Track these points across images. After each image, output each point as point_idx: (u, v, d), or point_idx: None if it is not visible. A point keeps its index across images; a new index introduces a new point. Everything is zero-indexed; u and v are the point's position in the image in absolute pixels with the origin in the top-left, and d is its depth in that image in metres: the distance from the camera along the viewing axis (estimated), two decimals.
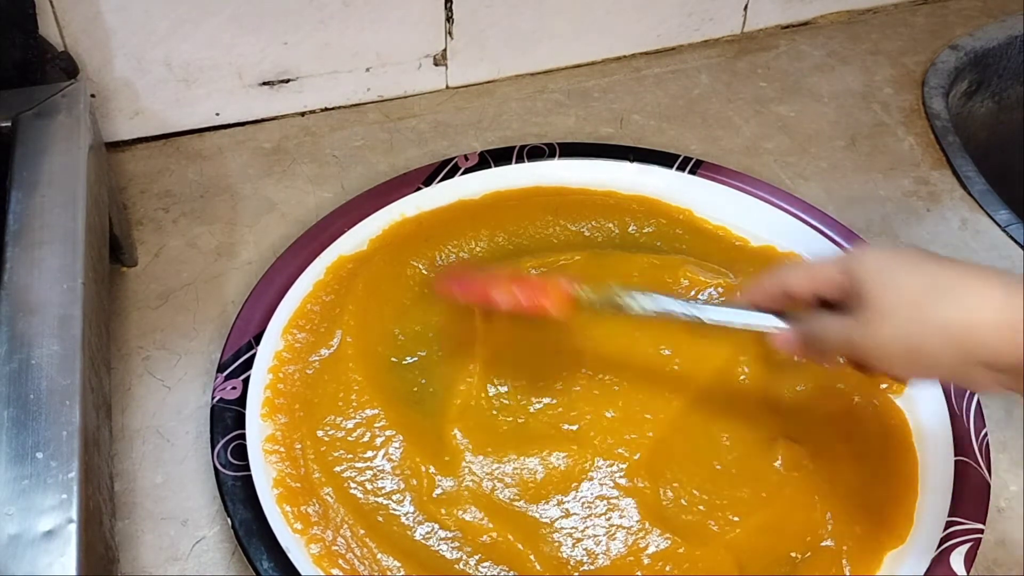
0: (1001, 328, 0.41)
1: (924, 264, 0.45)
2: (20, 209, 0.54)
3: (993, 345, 0.42)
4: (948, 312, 0.43)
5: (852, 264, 0.47)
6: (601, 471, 0.55)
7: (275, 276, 0.63)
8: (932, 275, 0.44)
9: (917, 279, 0.44)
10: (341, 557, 0.51)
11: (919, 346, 0.43)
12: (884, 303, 0.45)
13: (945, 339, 0.43)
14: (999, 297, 0.42)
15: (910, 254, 0.46)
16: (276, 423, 0.56)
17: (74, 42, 0.70)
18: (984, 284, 0.43)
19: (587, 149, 0.75)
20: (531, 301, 0.54)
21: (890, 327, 0.44)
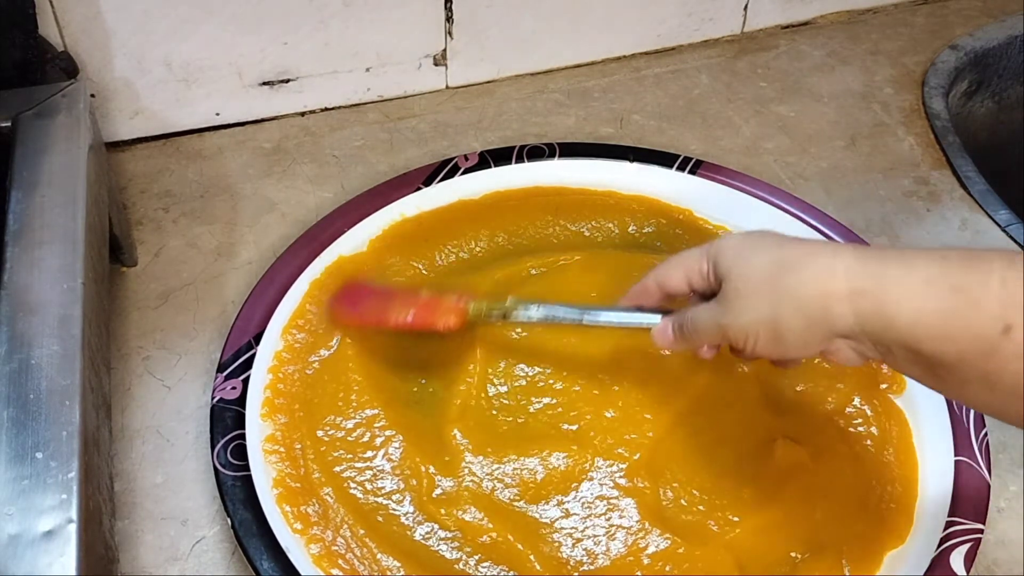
0: (844, 295, 0.43)
1: (777, 244, 0.47)
2: (20, 209, 0.54)
3: (840, 313, 0.43)
4: (799, 286, 0.44)
5: (714, 253, 0.49)
6: (601, 471, 0.55)
7: (275, 276, 0.63)
8: (783, 252, 0.46)
9: (769, 257, 0.46)
10: (341, 557, 0.51)
11: (777, 322, 0.45)
12: (741, 284, 0.46)
13: (799, 312, 0.44)
14: (847, 265, 0.43)
15: (765, 237, 0.48)
16: (276, 423, 0.56)
17: (74, 42, 0.70)
18: (832, 255, 0.44)
19: (587, 149, 0.75)
20: (420, 318, 0.56)
21: (749, 307, 0.46)
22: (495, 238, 0.68)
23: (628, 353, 0.60)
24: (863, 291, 0.42)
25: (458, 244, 0.68)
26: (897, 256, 0.43)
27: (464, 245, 0.68)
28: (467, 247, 0.68)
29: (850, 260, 0.43)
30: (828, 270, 0.44)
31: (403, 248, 0.67)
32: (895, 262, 0.42)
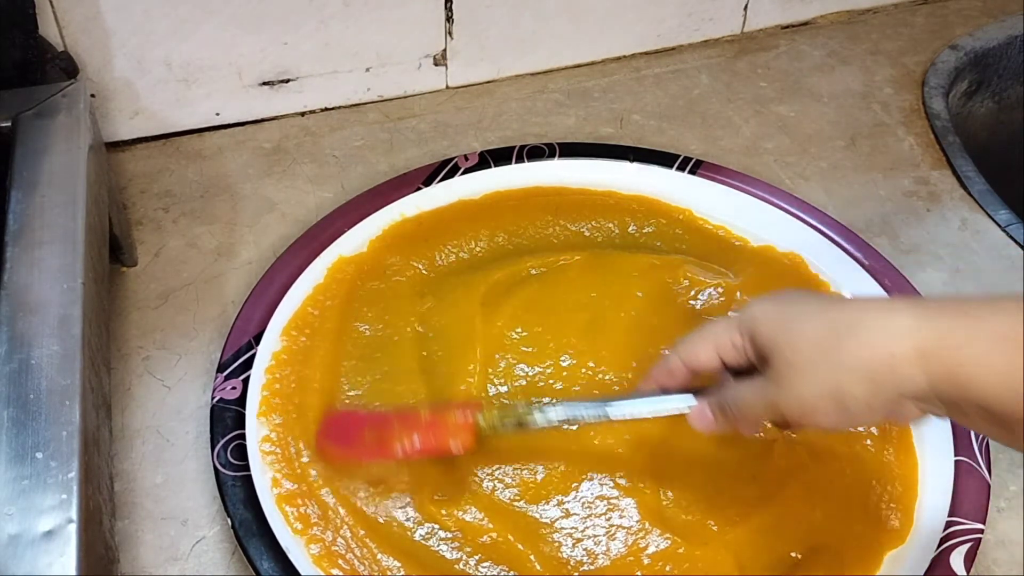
0: (912, 357, 0.40)
1: (822, 307, 0.44)
2: (20, 209, 0.54)
3: (908, 375, 0.40)
4: (859, 350, 0.41)
5: (749, 325, 0.45)
6: (601, 471, 0.55)
7: (275, 276, 0.63)
8: (831, 317, 0.43)
9: (819, 322, 0.43)
10: (341, 557, 0.51)
11: (840, 392, 0.42)
12: (793, 358, 0.43)
13: (864, 379, 0.41)
14: (906, 325, 0.41)
15: (804, 300, 0.45)
16: (272, 423, 0.56)
17: (74, 42, 0.70)
18: (890, 313, 0.42)
19: (587, 149, 0.75)
20: (430, 445, 0.51)
21: (806, 380, 0.43)
22: (495, 238, 0.68)
23: (628, 353, 0.60)
24: (931, 352, 0.40)
25: (458, 244, 0.68)
26: (959, 309, 0.40)
27: (464, 245, 0.68)
28: (467, 247, 0.68)
29: (910, 318, 0.41)
30: (889, 330, 0.41)
31: (403, 248, 0.67)
32: (960, 317, 0.40)
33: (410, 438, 0.52)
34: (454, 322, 0.62)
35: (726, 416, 0.47)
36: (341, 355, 0.60)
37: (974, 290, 0.69)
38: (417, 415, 0.53)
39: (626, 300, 0.63)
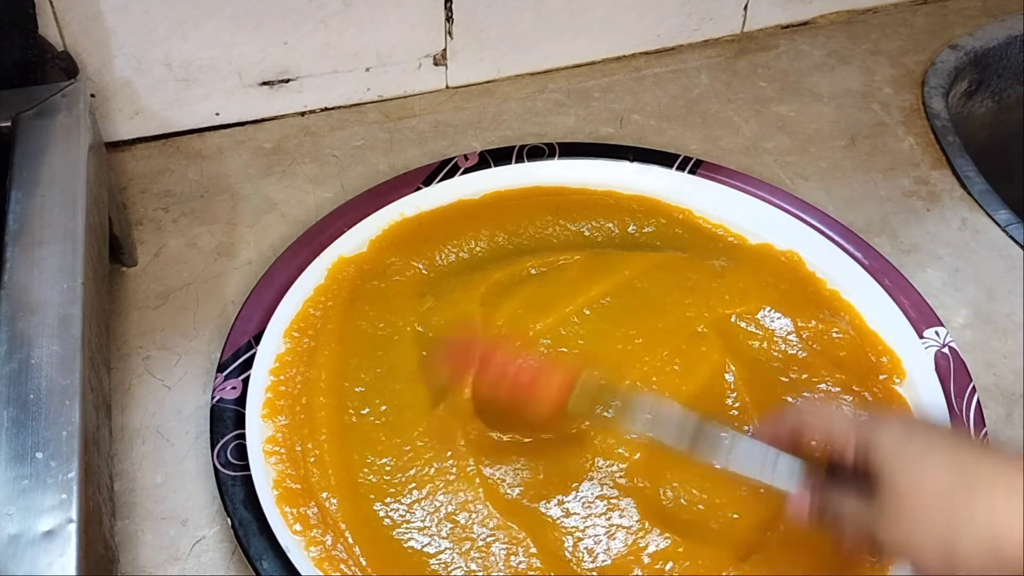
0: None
1: (951, 453, 0.41)
2: (20, 209, 0.54)
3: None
4: (982, 514, 0.39)
5: (871, 439, 0.43)
6: (601, 471, 0.55)
7: (275, 276, 0.63)
8: (961, 466, 0.40)
9: (945, 471, 0.40)
10: (341, 560, 0.51)
11: (953, 551, 0.39)
12: (910, 499, 0.40)
13: (980, 543, 0.38)
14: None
15: (932, 436, 0.42)
16: (276, 424, 0.56)
17: (74, 42, 0.70)
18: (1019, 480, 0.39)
19: (587, 149, 0.75)
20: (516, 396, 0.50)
21: (920, 527, 0.40)
22: (495, 238, 0.68)
23: (628, 353, 0.60)
24: None
25: (458, 244, 0.68)
26: None
27: (464, 245, 0.68)
28: (467, 247, 0.68)
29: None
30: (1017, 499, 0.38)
31: (403, 248, 0.67)
32: None
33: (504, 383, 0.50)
34: (454, 322, 0.62)
35: (822, 519, 0.44)
36: (345, 355, 0.60)
37: (974, 290, 0.69)
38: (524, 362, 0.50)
39: (625, 300, 0.63)
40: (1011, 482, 0.39)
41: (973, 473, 0.40)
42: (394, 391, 0.58)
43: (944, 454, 0.41)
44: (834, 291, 0.65)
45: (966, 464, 0.40)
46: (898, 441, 0.42)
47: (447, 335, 0.57)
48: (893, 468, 0.41)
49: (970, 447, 0.42)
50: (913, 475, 0.41)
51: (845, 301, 0.65)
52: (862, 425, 0.44)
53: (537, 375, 0.50)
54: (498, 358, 0.51)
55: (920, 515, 0.40)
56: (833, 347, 0.62)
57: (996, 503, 0.38)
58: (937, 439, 0.42)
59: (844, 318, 0.64)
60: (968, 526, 0.39)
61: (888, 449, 0.42)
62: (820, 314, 0.64)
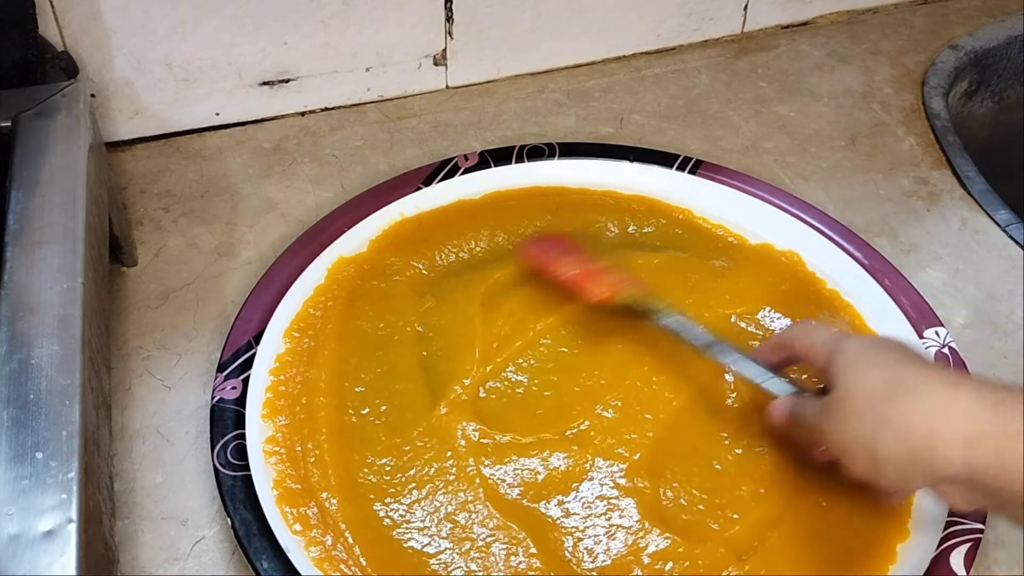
0: (957, 440, 0.39)
1: (894, 363, 0.44)
2: (20, 209, 0.54)
3: (946, 455, 0.39)
4: (905, 414, 0.41)
5: (834, 349, 0.47)
6: (601, 471, 0.55)
7: (275, 276, 0.63)
8: (899, 374, 0.43)
9: (882, 375, 0.43)
10: (341, 561, 0.51)
11: (874, 447, 0.42)
12: (848, 398, 0.44)
13: (900, 443, 0.41)
14: (963, 407, 0.40)
15: (886, 350, 0.45)
16: (276, 424, 0.56)
17: (74, 42, 0.70)
18: (950, 390, 0.41)
19: (587, 149, 0.75)
20: (581, 281, 0.59)
21: (849, 423, 0.43)
22: (495, 238, 0.68)
23: (628, 354, 0.60)
24: (979, 440, 0.39)
25: (458, 244, 0.68)
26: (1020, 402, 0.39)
27: (464, 245, 0.68)
28: (467, 247, 0.68)
29: (969, 401, 0.40)
30: (942, 406, 0.40)
31: (403, 248, 0.67)
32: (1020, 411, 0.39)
33: (571, 269, 0.60)
34: (454, 322, 0.62)
35: (791, 421, 0.49)
36: (345, 355, 0.60)
37: (974, 290, 0.69)
38: (591, 262, 0.61)
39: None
40: (931, 386, 0.42)
41: (901, 379, 0.42)
42: (394, 391, 0.58)
43: (884, 363, 0.44)
44: (834, 291, 0.65)
45: (899, 371, 0.43)
46: (853, 353, 0.46)
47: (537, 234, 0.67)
48: (842, 371, 0.45)
49: (914, 362, 0.44)
50: (853, 380, 0.44)
51: (845, 301, 0.65)
52: (834, 339, 0.48)
53: (602, 272, 0.60)
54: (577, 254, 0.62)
55: (852, 413, 0.44)
56: None
57: (915, 403, 0.41)
58: (888, 353, 0.45)
59: (844, 318, 0.64)
60: (888, 425, 0.42)
61: (845, 357, 0.46)
62: (820, 314, 0.64)
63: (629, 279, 0.60)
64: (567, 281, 0.60)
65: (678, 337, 0.57)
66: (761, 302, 0.64)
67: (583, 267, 0.60)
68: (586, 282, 0.59)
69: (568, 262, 0.61)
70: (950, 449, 0.39)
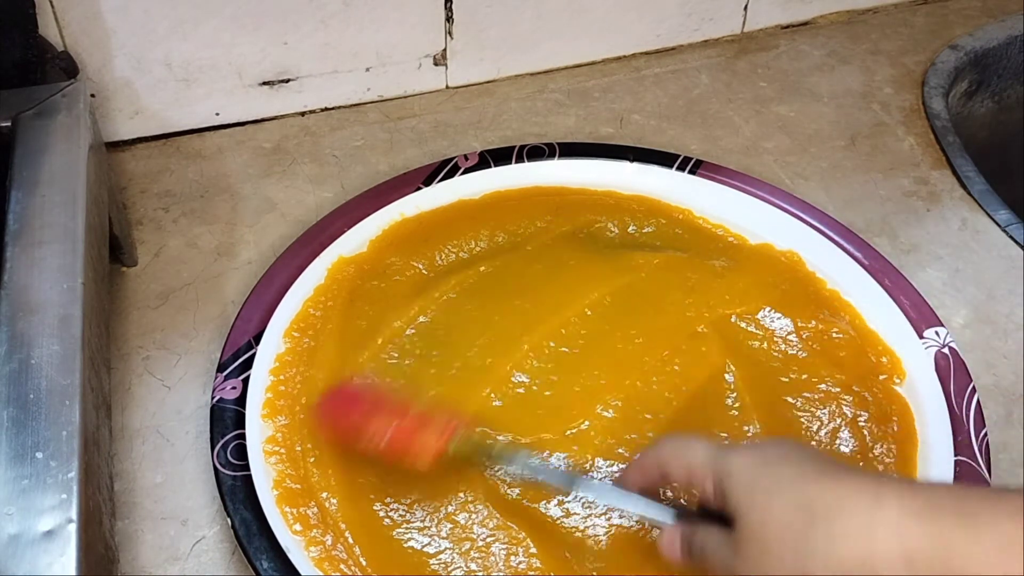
0: (895, 561, 0.36)
1: (798, 479, 0.40)
2: (20, 209, 0.54)
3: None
4: (833, 545, 0.38)
5: (721, 472, 0.42)
6: (601, 471, 0.55)
7: (275, 276, 0.63)
8: (807, 495, 0.39)
9: (792, 499, 0.39)
10: (341, 561, 0.51)
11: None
12: (760, 532, 0.40)
13: (826, 569, 0.37)
14: (893, 521, 0.37)
15: (782, 462, 0.41)
16: (276, 424, 0.56)
17: (74, 42, 0.70)
18: (874, 505, 0.38)
19: (587, 149, 0.75)
20: (394, 449, 0.50)
21: (769, 562, 0.39)
22: (495, 238, 0.68)
23: (628, 354, 0.60)
24: (921, 559, 0.36)
25: (458, 244, 0.68)
26: (954, 508, 0.36)
27: (464, 245, 0.68)
28: (467, 247, 0.68)
29: (897, 512, 0.37)
30: (868, 527, 0.37)
31: (403, 248, 0.67)
32: (955, 517, 0.36)
33: (381, 436, 0.50)
34: (454, 323, 0.62)
35: (692, 557, 0.44)
36: (344, 355, 0.60)
37: (974, 290, 0.69)
38: (404, 414, 0.51)
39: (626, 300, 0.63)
40: (848, 505, 0.38)
41: (815, 502, 0.39)
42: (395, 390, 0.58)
43: (791, 485, 0.40)
44: (834, 291, 0.65)
45: (810, 493, 0.39)
46: (748, 475, 0.42)
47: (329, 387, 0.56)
48: (743, 503, 0.41)
49: (821, 475, 0.40)
50: (760, 511, 0.40)
51: (845, 301, 0.65)
52: (716, 460, 0.43)
53: (413, 431, 0.50)
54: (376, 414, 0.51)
55: (770, 549, 0.39)
56: (833, 347, 0.62)
57: (837, 529, 0.38)
58: (786, 465, 0.41)
59: (844, 318, 0.64)
60: (813, 559, 0.38)
61: (739, 483, 0.42)
62: (820, 314, 0.64)
63: (455, 422, 0.51)
64: (385, 452, 0.50)
65: (531, 481, 0.52)
66: (761, 302, 0.64)
67: (396, 424, 0.50)
68: (406, 443, 0.50)
69: (377, 423, 0.51)
70: (891, 571, 0.36)
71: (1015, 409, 0.62)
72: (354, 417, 0.52)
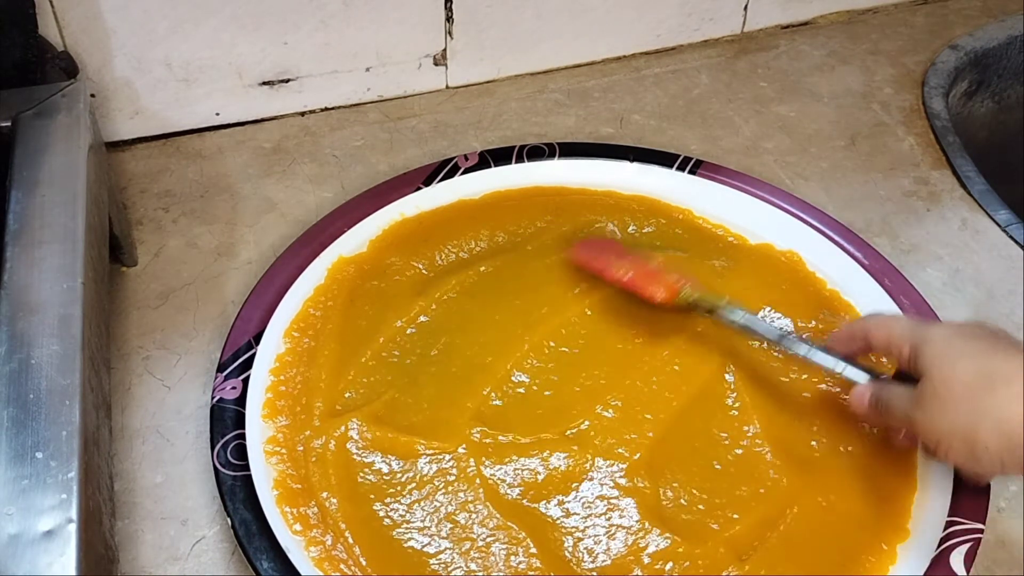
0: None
1: (988, 351, 0.45)
2: (20, 209, 0.54)
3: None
4: (1003, 404, 0.42)
5: (919, 339, 0.47)
6: (601, 471, 0.55)
7: (275, 276, 0.63)
8: (992, 364, 0.44)
9: (976, 365, 0.44)
10: (341, 561, 0.51)
11: (973, 437, 0.43)
12: (942, 389, 0.45)
13: (998, 432, 0.42)
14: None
15: (976, 338, 0.46)
16: (276, 424, 0.56)
17: (74, 42, 0.70)
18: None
19: (587, 149, 0.75)
20: (641, 283, 0.60)
21: (946, 415, 0.44)
22: (495, 238, 0.68)
23: (628, 354, 0.60)
24: None
25: (458, 244, 0.68)
26: None
27: (464, 245, 0.68)
28: (467, 247, 0.68)
29: None
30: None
31: (403, 248, 0.67)
32: None
33: (628, 270, 0.61)
34: (453, 322, 0.62)
35: (876, 410, 0.50)
36: (345, 355, 0.60)
37: (974, 290, 0.69)
38: (647, 261, 0.62)
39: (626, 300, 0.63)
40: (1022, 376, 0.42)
41: (997, 369, 0.44)
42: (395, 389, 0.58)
43: (977, 352, 0.45)
44: (834, 291, 0.65)
45: (994, 361, 0.44)
46: (942, 342, 0.47)
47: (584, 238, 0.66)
48: (932, 362, 0.46)
49: (1008, 349, 0.45)
50: (947, 370, 0.45)
51: (845, 301, 0.65)
52: (916, 329, 0.49)
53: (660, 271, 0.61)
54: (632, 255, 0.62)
55: (948, 404, 0.44)
56: None
57: (1011, 393, 0.42)
58: (978, 341, 0.46)
59: (844, 318, 0.64)
60: (987, 415, 0.43)
61: (933, 346, 0.47)
62: (820, 314, 0.64)
63: (686, 277, 0.60)
64: (627, 283, 0.61)
65: (746, 331, 0.58)
66: (761, 302, 0.64)
67: (639, 268, 0.61)
68: (646, 283, 0.60)
69: (623, 264, 0.61)
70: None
71: None
72: (609, 254, 0.63)
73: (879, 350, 0.52)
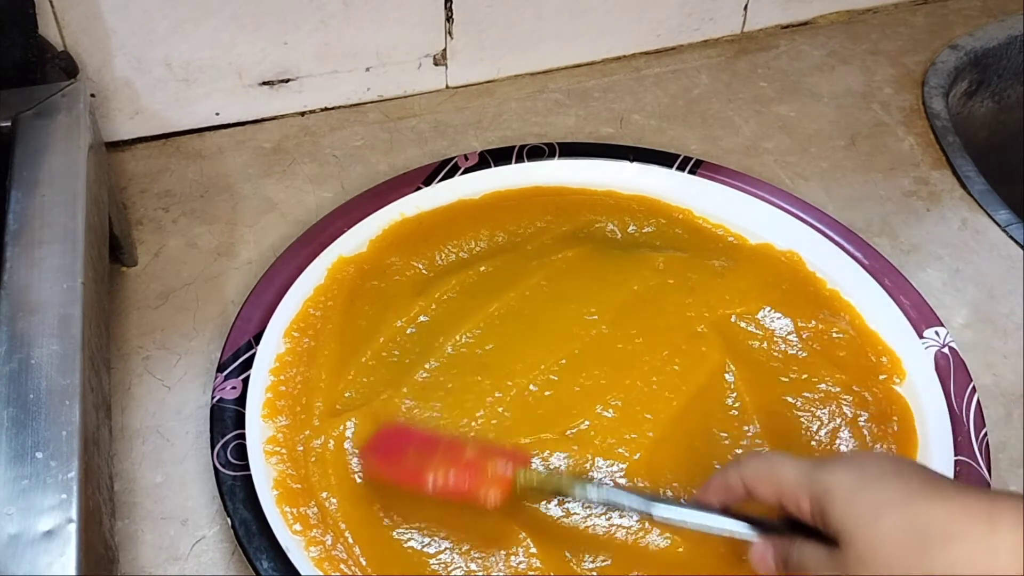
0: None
1: (907, 498, 0.39)
2: (20, 209, 0.54)
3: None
4: (950, 570, 0.37)
5: (820, 490, 0.41)
6: (601, 471, 0.55)
7: (275, 276, 0.63)
8: (920, 515, 0.38)
9: (901, 521, 0.38)
10: (341, 560, 0.51)
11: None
12: (868, 556, 0.39)
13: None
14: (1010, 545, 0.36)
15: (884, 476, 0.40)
16: (276, 424, 0.56)
17: (74, 42, 0.70)
18: (988, 527, 0.37)
19: (587, 149, 0.75)
20: (462, 488, 0.49)
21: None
22: (495, 238, 0.68)
23: (628, 354, 0.60)
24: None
25: (458, 244, 0.68)
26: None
27: (464, 245, 0.68)
28: (467, 247, 0.68)
29: (1014, 534, 0.36)
30: (986, 552, 0.36)
31: (403, 248, 0.67)
32: None
33: (446, 474, 0.49)
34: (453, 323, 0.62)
35: (788, 568, 0.43)
36: (344, 355, 0.60)
37: (974, 290, 0.69)
38: (462, 451, 0.50)
39: (626, 300, 0.63)
40: (963, 528, 0.38)
41: (928, 522, 0.38)
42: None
43: (896, 500, 0.39)
44: (834, 291, 0.65)
45: (920, 509, 0.39)
46: (850, 494, 0.40)
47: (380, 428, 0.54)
48: (846, 522, 0.40)
49: (924, 487, 0.40)
50: (867, 529, 0.39)
51: (845, 301, 0.65)
52: (811, 477, 0.42)
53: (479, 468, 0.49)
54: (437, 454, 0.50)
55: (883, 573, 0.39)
56: (833, 347, 0.62)
57: (954, 553, 0.37)
58: (892, 487, 0.40)
59: (844, 318, 0.64)
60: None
61: (841, 500, 0.40)
62: (820, 314, 0.64)
63: (516, 456, 0.50)
64: (447, 492, 0.49)
65: (608, 507, 0.51)
66: (761, 302, 0.64)
67: (455, 464, 0.49)
68: (470, 486, 0.49)
69: (432, 465, 0.49)
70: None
71: (1015, 409, 0.62)
72: (410, 459, 0.50)
73: (767, 503, 0.44)
